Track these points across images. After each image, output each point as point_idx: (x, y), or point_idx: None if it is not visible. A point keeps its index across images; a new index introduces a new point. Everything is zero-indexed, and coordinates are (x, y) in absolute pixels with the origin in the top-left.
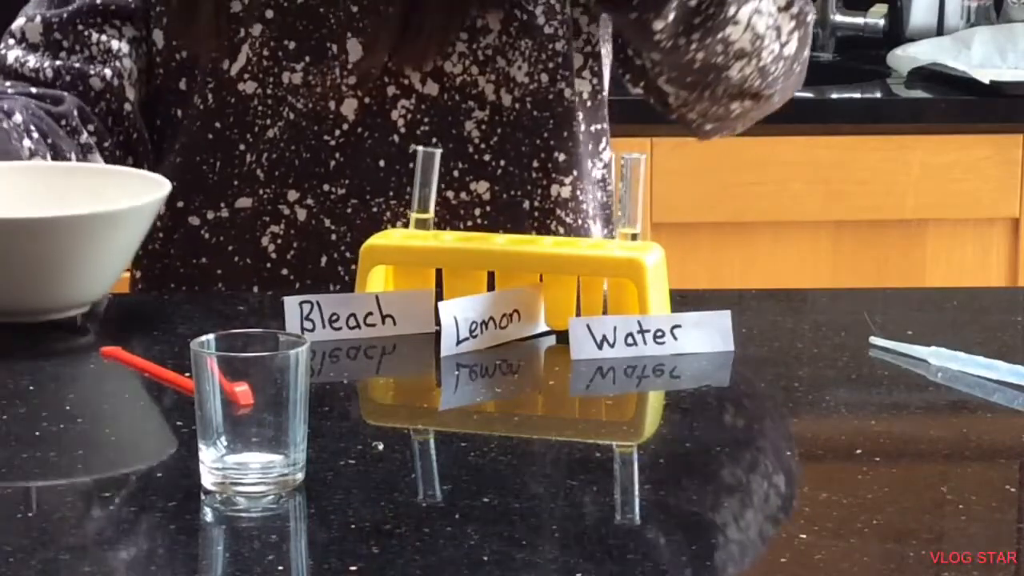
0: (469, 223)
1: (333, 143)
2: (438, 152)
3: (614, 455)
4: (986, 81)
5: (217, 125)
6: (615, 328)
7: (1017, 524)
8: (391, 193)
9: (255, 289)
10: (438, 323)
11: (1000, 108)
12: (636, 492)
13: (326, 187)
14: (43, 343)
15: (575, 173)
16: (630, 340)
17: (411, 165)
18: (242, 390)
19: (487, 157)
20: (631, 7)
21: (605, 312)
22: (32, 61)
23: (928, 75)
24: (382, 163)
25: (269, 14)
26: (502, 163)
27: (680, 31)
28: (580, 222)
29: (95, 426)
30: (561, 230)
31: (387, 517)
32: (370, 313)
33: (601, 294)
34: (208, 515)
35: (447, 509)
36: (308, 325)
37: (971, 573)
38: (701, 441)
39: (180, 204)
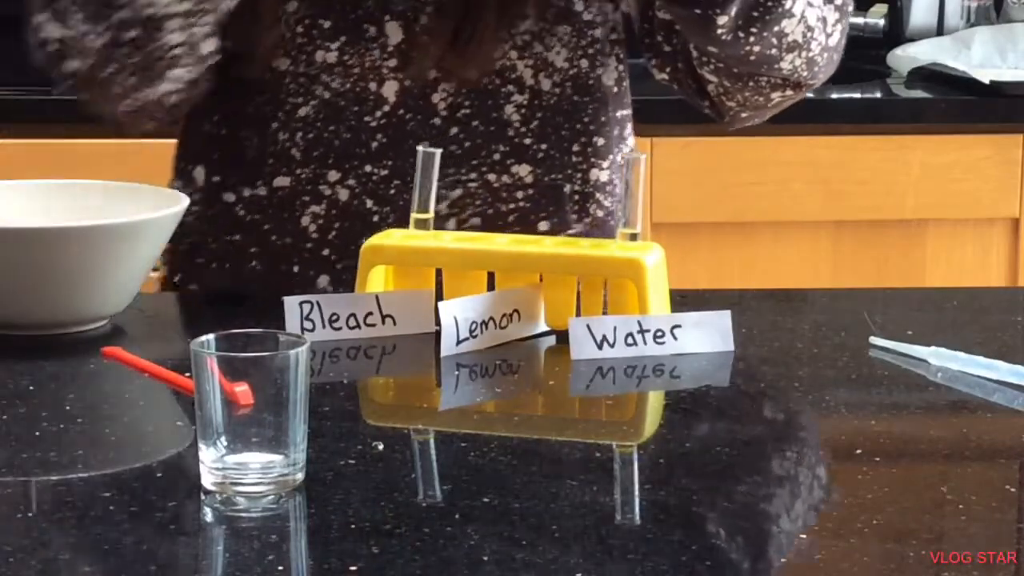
0: (512, 205)
1: (374, 124)
2: (437, 152)
3: (614, 455)
4: (986, 81)
5: (256, 100)
6: (615, 328)
7: (1017, 524)
8: None
9: (295, 268)
10: (438, 323)
11: (1000, 108)
12: (636, 492)
13: (368, 168)
14: (43, 343)
15: (611, 158)
16: (630, 340)
17: (453, 148)
18: (242, 390)
19: (528, 141)
20: (696, 3)
21: (605, 312)
22: None
23: (928, 75)
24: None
25: None
26: (543, 147)
27: (740, 25)
28: (615, 206)
29: (95, 426)
30: (600, 213)
31: (387, 517)
32: (370, 313)
33: (601, 294)
34: (208, 515)
35: (447, 509)
36: (308, 325)
37: (971, 573)
38: (701, 441)
39: (216, 179)
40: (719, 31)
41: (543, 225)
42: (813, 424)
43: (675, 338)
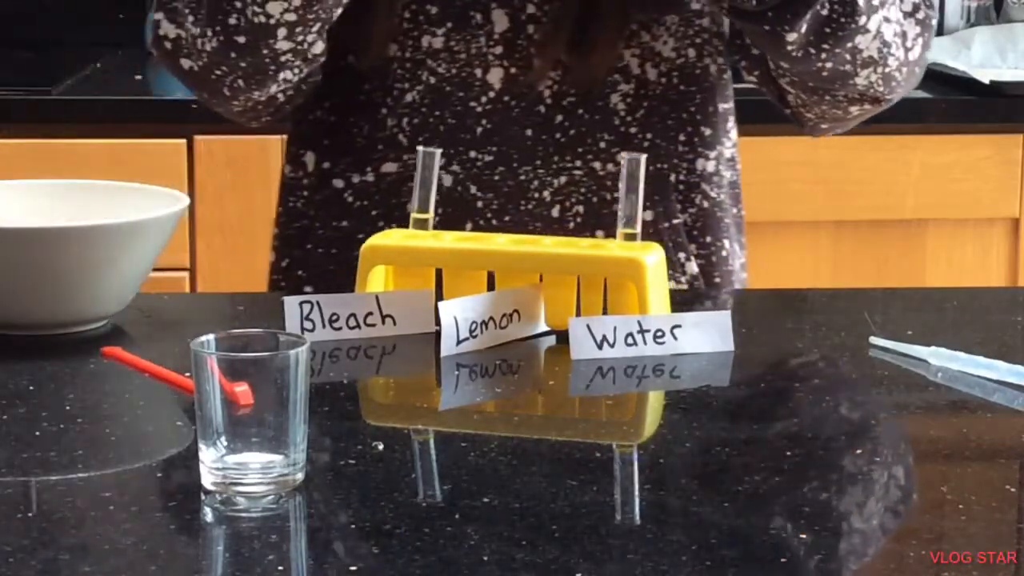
0: (616, 194)
1: (479, 109)
2: (437, 152)
3: (614, 455)
4: (986, 81)
5: (366, 87)
6: (615, 328)
7: (1017, 524)
8: (538, 162)
9: None
10: (438, 323)
11: (1000, 108)
12: (636, 492)
13: (472, 154)
14: (43, 343)
15: (718, 148)
16: (630, 340)
17: (558, 136)
18: (242, 390)
19: (633, 130)
20: (764, 19)
21: (605, 312)
22: None
23: (928, 75)
24: (529, 132)
25: None
26: (649, 136)
27: (811, 41)
28: (721, 197)
29: (95, 426)
30: (705, 204)
31: (387, 517)
32: (370, 313)
33: (601, 294)
34: (208, 515)
35: (447, 509)
36: (308, 325)
37: (971, 573)
38: (701, 441)
39: (326, 165)
40: (789, 47)
41: (648, 214)
42: (813, 424)
43: (675, 338)
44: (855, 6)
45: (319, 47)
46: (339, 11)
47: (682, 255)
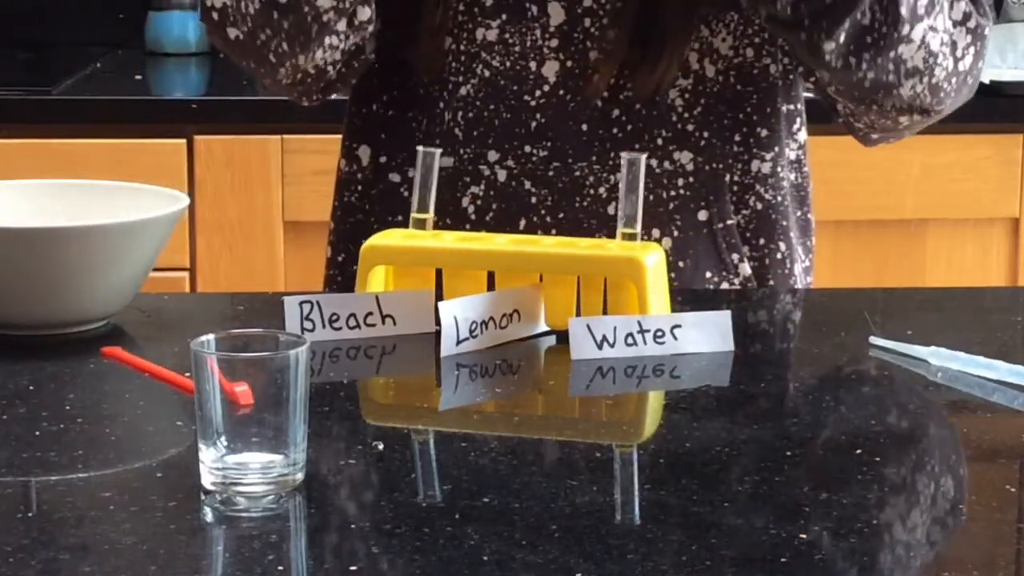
0: (672, 192)
1: (534, 103)
2: (437, 152)
3: (614, 455)
4: (986, 81)
5: (421, 80)
6: (615, 328)
7: (1017, 524)
8: (594, 158)
9: None
10: (438, 323)
11: (1000, 108)
12: (636, 492)
13: (527, 148)
14: (43, 343)
15: (776, 150)
16: (630, 340)
17: (615, 131)
18: (242, 390)
19: (690, 127)
20: (801, 27)
21: (605, 312)
22: None
23: None
24: (584, 127)
25: None
26: (705, 135)
27: (851, 50)
28: (779, 199)
29: (95, 426)
30: (759, 205)
31: (387, 517)
32: (370, 313)
33: (601, 294)
34: (208, 515)
35: (447, 509)
36: (308, 325)
37: (971, 573)
38: (701, 441)
39: (383, 159)
40: (827, 56)
41: (702, 214)
42: (812, 424)
43: (675, 338)
44: (897, 15)
45: (364, 13)
46: None
47: (735, 256)
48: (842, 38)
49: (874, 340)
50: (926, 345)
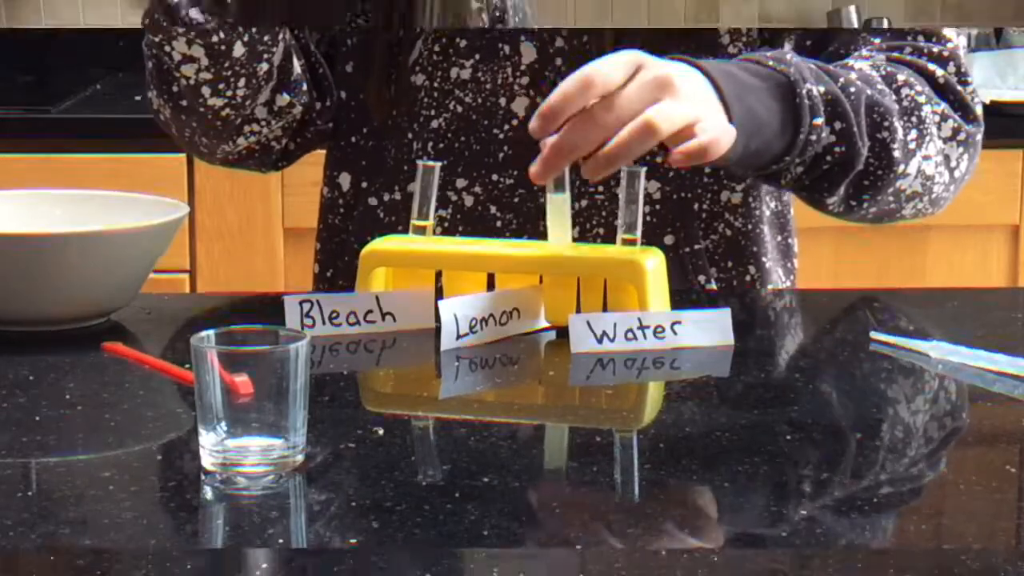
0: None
1: (502, 136)
2: (437, 166)
3: (614, 439)
4: (987, 101)
5: (393, 113)
6: (615, 324)
7: (1018, 503)
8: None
9: None
10: (438, 320)
11: (1000, 126)
12: (636, 472)
13: (494, 176)
14: (42, 338)
15: (748, 181)
16: (630, 335)
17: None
18: (242, 380)
19: (659, 159)
20: (802, 188)
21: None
22: None
23: None
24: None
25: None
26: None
27: (851, 195)
28: (750, 226)
29: (94, 412)
30: (729, 232)
31: (387, 495)
32: (370, 311)
33: (601, 295)
34: (208, 493)
35: (447, 488)
36: (308, 322)
37: (972, 546)
38: (701, 426)
39: (363, 185)
40: (829, 206)
41: (668, 239)
42: (812, 411)
43: (675, 333)
44: (891, 159)
45: (283, 100)
46: (265, 66)
47: (702, 278)
48: (841, 192)
49: (875, 335)
50: (927, 340)
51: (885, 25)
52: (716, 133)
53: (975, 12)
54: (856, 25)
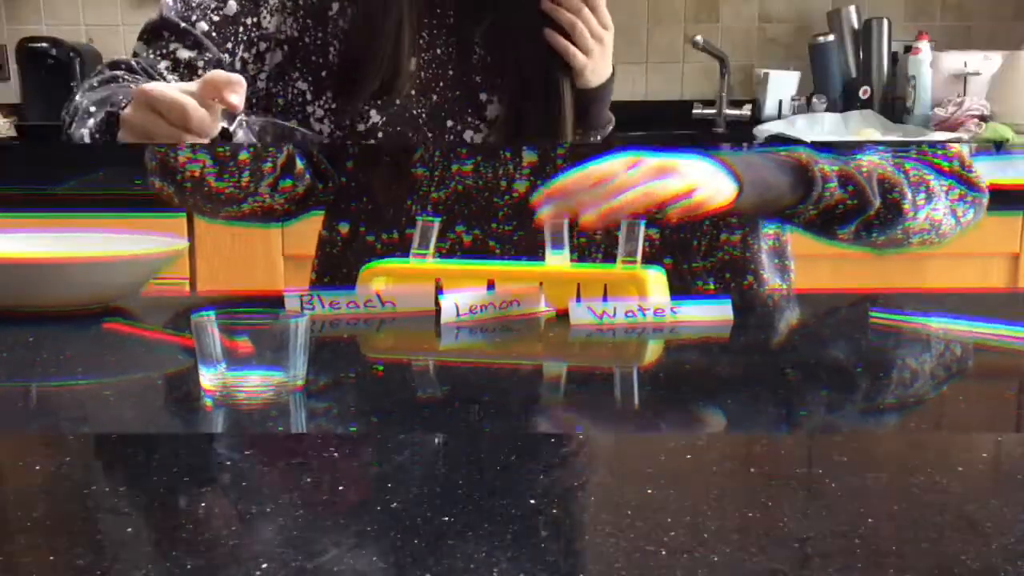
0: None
1: (503, 204)
2: (438, 221)
3: (615, 373)
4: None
5: (393, 187)
6: (615, 307)
7: (1016, 410)
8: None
9: None
10: (438, 309)
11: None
12: (636, 393)
13: (493, 225)
14: (44, 316)
15: (747, 228)
16: (630, 314)
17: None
18: (242, 340)
19: (658, 216)
20: (813, 227)
21: None
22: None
23: None
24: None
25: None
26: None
27: (861, 230)
28: (749, 254)
29: (94, 358)
30: (728, 258)
31: (386, 407)
32: (370, 299)
33: (601, 295)
34: (210, 403)
35: (447, 400)
36: (308, 309)
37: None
38: (701, 366)
39: (361, 229)
40: (840, 238)
41: (667, 260)
42: (813, 355)
43: (675, 313)
44: (900, 210)
45: (280, 183)
46: (269, 165)
47: (699, 285)
48: (852, 227)
49: (874, 313)
50: (926, 315)
51: (886, 59)
52: (711, 191)
53: (975, 12)
54: (856, 26)
